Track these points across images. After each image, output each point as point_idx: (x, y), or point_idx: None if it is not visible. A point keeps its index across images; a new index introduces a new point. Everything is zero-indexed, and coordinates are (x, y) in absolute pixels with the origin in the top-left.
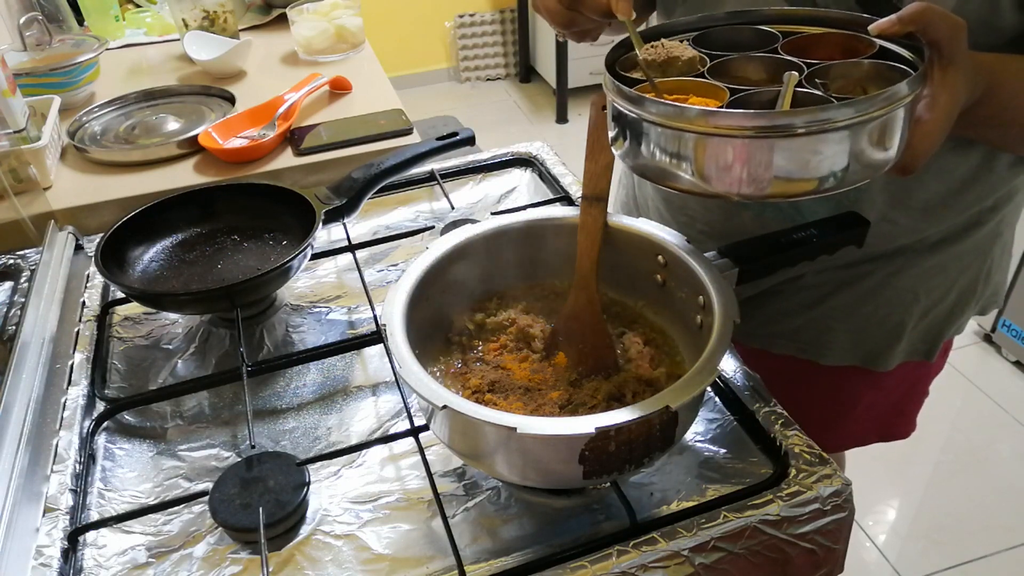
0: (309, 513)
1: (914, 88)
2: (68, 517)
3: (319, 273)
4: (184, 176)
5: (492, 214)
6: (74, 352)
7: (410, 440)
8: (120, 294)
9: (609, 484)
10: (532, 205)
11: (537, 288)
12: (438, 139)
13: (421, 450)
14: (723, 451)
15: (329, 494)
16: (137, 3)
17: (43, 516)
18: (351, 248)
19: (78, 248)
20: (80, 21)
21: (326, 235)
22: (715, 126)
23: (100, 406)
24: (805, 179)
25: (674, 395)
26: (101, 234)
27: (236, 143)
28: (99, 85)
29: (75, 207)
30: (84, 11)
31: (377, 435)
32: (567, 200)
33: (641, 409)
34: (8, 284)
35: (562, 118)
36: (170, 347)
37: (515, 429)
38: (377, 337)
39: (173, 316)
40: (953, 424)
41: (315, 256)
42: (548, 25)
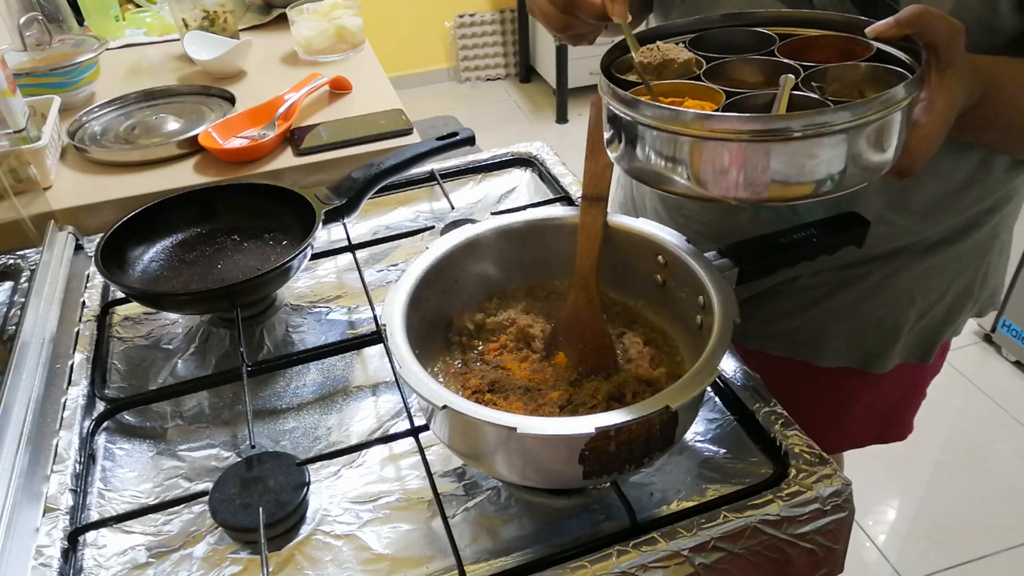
0: (309, 513)
1: (911, 91)
2: (68, 517)
3: (319, 273)
4: (184, 176)
5: (492, 214)
6: (74, 352)
7: (410, 440)
8: (120, 294)
9: (609, 484)
10: (532, 205)
11: (537, 288)
12: (438, 139)
13: (421, 450)
14: (723, 451)
15: (329, 494)
16: (137, 3)
17: (43, 516)
18: (351, 248)
19: (78, 248)
20: (80, 21)
21: (326, 235)
22: (711, 130)
23: (100, 406)
24: (802, 183)
25: (674, 395)
26: (101, 234)
27: (236, 143)
28: (99, 85)
29: (75, 207)
30: (84, 11)
31: (377, 435)
32: (567, 200)
33: (641, 409)
34: (8, 284)
35: (562, 118)
36: (170, 347)
37: (515, 429)
38: (377, 337)
39: (173, 316)
40: (953, 424)
41: (315, 256)
42: None
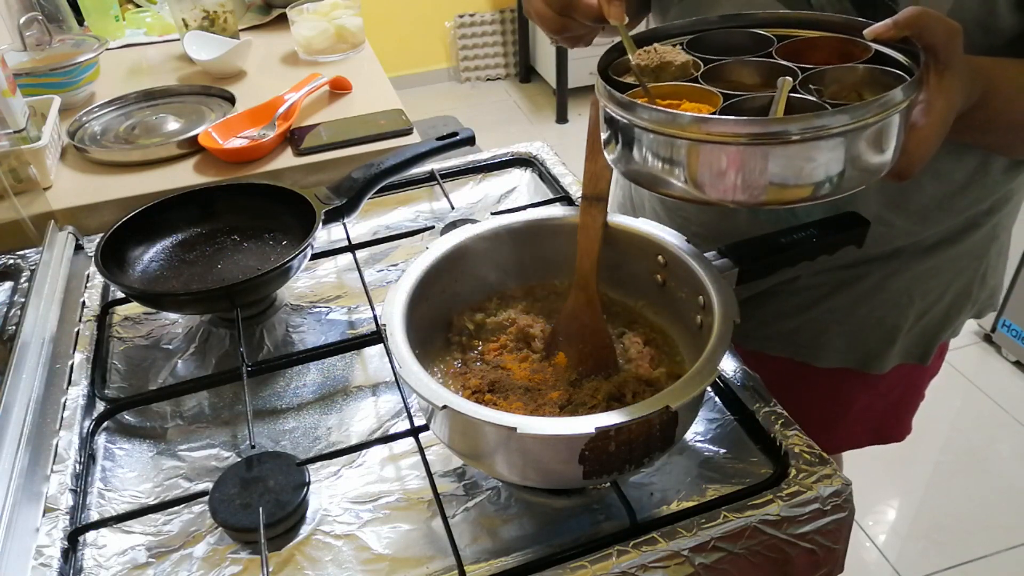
0: (309, 513)
1: (909, 93)
2: (68, 517)
3: (319, 273)
4: (184, 176)
5: (492, 214)
6: (74, 352)
7: (410, 440)
8: (120, 294)
9: (609, 484)
10: (532, 205)
11: (537, 288)
12: (438, 139)
13: (421, 450)
14: (723, 451)
15: (329, 494)
16: (137, 3)
17: (43, 516)
18: (351, 248)
19: (78, 248)
20: (80, 21)
21: (326, 235)
22: (708, 133)
23: (100, 406)
24: (800, 186)
25: (674, 395)
26: (101, 234)
27: (236, 143)
28: (99, 85)
29: (75, 207)
30: (84, 11)
31: (377, 435)
32: (567, 200)
33: (641, 409)
34: (8, 284)
35: (562, 118)
36: (170, 347)
37: (515, 429)
38: (377, 337)
39: (173, 316)
40: (953, 424)
41: (315, 256)
42: None
